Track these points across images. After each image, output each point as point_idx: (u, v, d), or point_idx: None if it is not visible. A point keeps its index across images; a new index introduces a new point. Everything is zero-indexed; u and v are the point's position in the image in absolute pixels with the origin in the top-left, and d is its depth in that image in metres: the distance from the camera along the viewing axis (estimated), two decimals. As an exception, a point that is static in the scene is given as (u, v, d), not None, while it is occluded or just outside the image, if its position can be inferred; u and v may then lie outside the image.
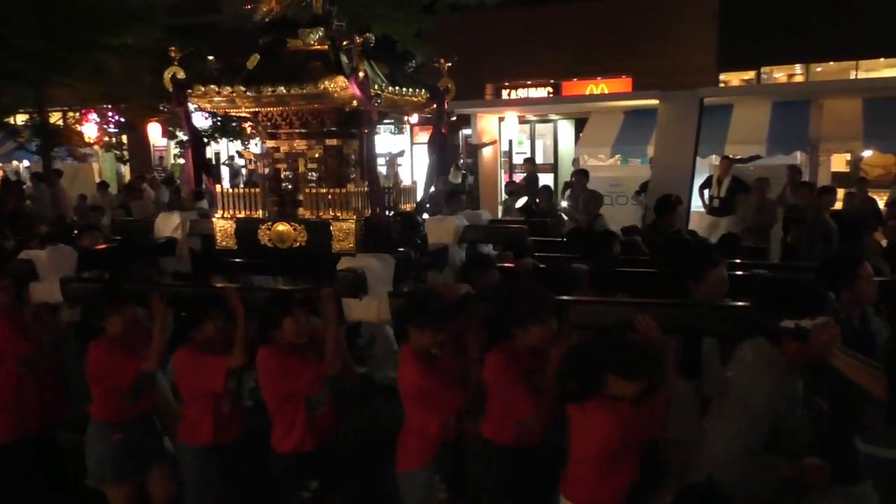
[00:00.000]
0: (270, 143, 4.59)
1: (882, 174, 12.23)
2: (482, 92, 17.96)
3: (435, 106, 4.75)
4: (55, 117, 17.77)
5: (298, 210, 4.41)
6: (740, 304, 3.05)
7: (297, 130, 4.46)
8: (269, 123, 4.52)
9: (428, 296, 3.41)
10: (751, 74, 17.18)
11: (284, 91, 4.10)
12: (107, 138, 18.61)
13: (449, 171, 4.95)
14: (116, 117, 18.26)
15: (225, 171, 18.91)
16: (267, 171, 4.55)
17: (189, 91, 4.34)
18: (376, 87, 4.04)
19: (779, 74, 17.52)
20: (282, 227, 4.35)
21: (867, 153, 13.51)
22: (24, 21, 12.85)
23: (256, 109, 4.40)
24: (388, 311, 3.49)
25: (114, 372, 3.64)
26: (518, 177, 13.78)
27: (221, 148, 21.59)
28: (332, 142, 4.42)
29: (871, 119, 12.04)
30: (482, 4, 16.74)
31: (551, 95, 17.90)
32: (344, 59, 4.05)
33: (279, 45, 4.44)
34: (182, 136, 16.73)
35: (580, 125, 14.35)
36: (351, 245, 4.18)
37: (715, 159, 11.40)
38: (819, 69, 17.18)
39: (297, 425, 3.41)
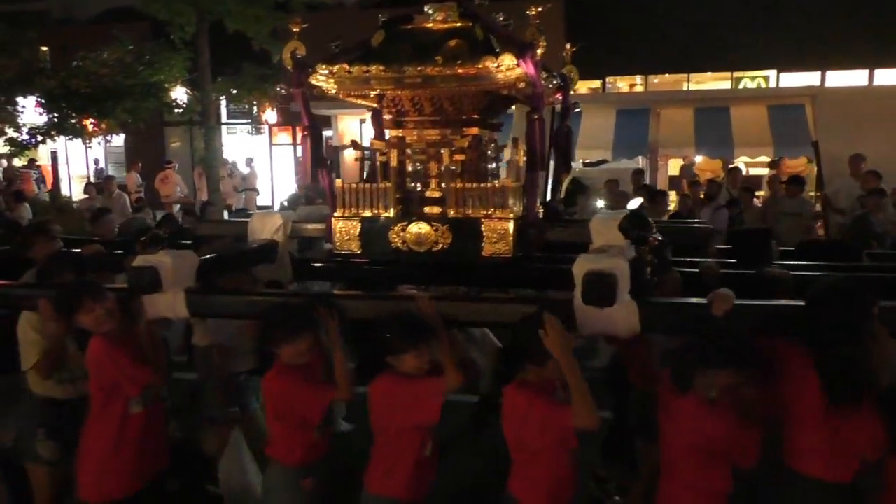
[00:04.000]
0: (394, 133, 4.03)
1: (711, 178, 13.57)
2: None
3: (560, 95, 4.32)
4: None
5: (436, 208, 3.87)
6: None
7: (428, 118, 3.92)
8: (395, 110, 3.97)
9: None
10: (597, 84, 19.06)
11: (435, 71, 3.58)
12: None
13: (571, 167, 4.29)
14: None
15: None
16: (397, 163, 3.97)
17: (311, 70, 3.75)
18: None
19: (622, 84, 19.82)
20: (419, 227, 3.80)
21: (698, 158, 15.56)
22: None
23: (386, 93, 3.84)
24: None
25: (300, 405, 3.05)
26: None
27: (59, 147, 20.38)
28: (472, 130, 3.89)
29: (701, 127, 14.34)
30: (341, 4, 16.48)
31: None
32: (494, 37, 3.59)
33: (404, 21, 3.91)
34: (12, 133, 15.94)
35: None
36: (507, 248, 3.68)
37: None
38: (656, 80, 19.51)
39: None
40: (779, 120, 14.64)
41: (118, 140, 20.64)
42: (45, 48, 17.32)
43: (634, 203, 7.10)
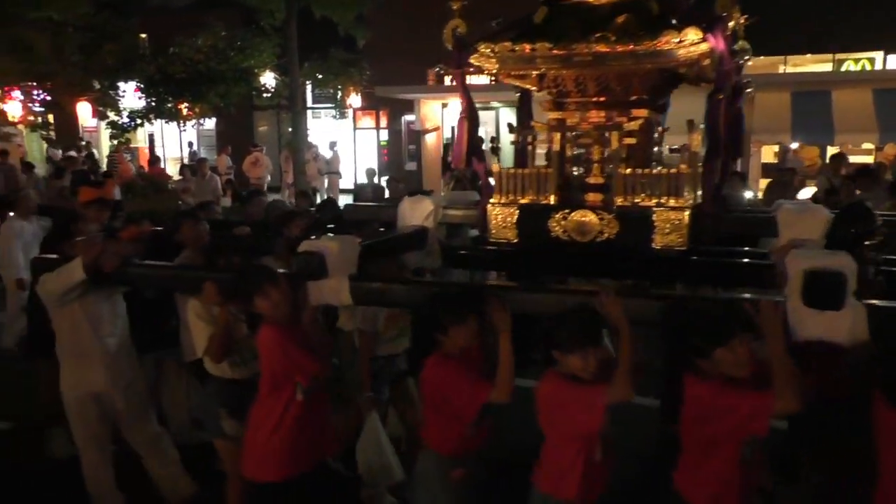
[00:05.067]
0: (554, 115, 3.82)
1: (808, 166, 12.97)
2: (424, 77, 17.45)
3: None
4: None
5: (598, 196, 3.65)
6: None
7: (593, 99, 3.69)
8: (556, 90, 3.76)
9: None
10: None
11: (607, 48, 3.34)
12: (31, 117, 17.74)
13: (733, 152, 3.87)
14: (42, 95, 17.34)
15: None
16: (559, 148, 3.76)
17: (472, 49, 3.57)
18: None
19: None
20: (584, 215, 3.58)
21: (794, 145, 14.71)
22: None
23: (549, 72, 3.63)
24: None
25: (456, 398, 2.90)
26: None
27: (155, 130, 20.69)
28: (641, 112, 3.64)
29: (799, 112, 13.50)
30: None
31: (493, 83, 17.18)
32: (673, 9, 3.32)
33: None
34: (113, 117, 16.35)
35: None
36: (681, 239, 3.43)
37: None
38: (750, 63, 17.61)
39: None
40: (885, 104, 13.56)
41: (210, 124, 21.09)
42: (143, 35, 17.74)
43: (806, 193, 6.56)
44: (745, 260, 3.62)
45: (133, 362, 3.98)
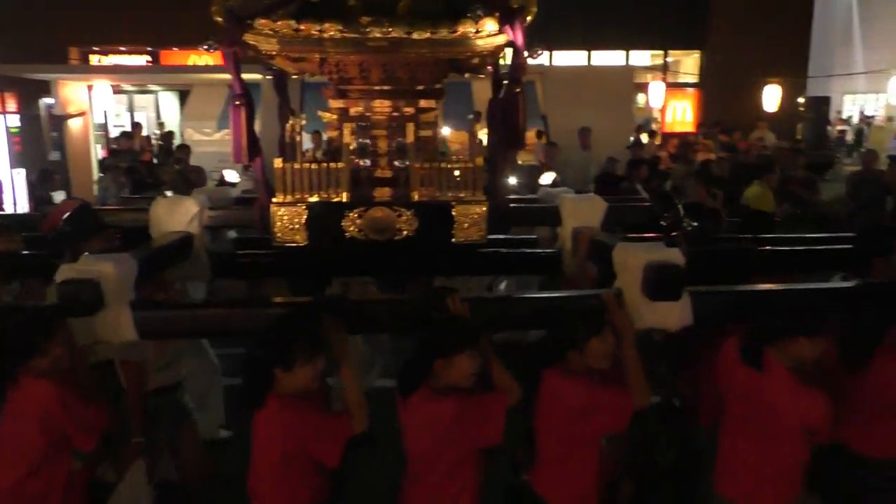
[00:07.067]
0: (335, 104, 3.48)
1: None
2: (65, 56, 16.27)
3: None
4: None
5: (386, 190, 3.44)
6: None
7: (376, 88, 3.45)
8: (336, 77, 3.43)
9: None
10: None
11: (403, 34, 3.13)
12: None
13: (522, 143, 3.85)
14: None
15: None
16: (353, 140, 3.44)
17: (249, 26, 3.07)
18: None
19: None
20: (381, 213, 3.34)
21: (446, 131, 14.16)
22: None
23: (334, 57, 3.29)
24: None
25: (314, 444, 2.49)
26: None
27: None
28: (429, 102, 3.51)
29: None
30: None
31: (150, 64, 16.92)
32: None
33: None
34: None
35: (185, 97, 14.06)
36: (481, 232, 3.39)
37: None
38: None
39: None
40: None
41: None
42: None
43: (547, 178, 6.95)
44: (540, 250, 3.74)
45: None
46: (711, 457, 2.82)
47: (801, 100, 18.72)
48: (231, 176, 7.68)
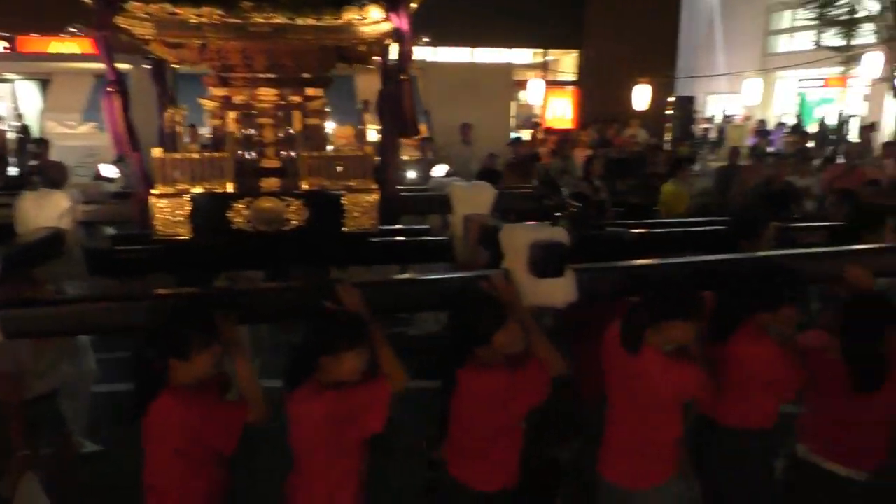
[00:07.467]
0: (219, 92, 3.36)
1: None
2: None
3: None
4: None
5: (274, 180, 3.36)
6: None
7: (261, 75, 3.36)
8: (219, 64, 3.32)
9: None
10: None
11: (287, 20, 3.07)
12: None
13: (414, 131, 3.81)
14: None
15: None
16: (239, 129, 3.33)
17: (121, 9, 2.92)
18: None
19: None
20: (269, 203, 3.26)
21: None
22: None
23: (214, 43, 3.18)
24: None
25: (210, 434, 2.43)
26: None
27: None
28: (316, 91, 3.45)
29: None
30: None
31: (8, 51, 15.88)
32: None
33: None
34: None
35: (46, 87, 13.22)
36: (372, 221, 3.37)
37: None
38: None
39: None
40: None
41: None
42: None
43: (440, 170, 6.94)
44: (431, 238, 3.75)
45: None
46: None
47: (670, 99, 19.76)
48: (108, 170, 7.26)
